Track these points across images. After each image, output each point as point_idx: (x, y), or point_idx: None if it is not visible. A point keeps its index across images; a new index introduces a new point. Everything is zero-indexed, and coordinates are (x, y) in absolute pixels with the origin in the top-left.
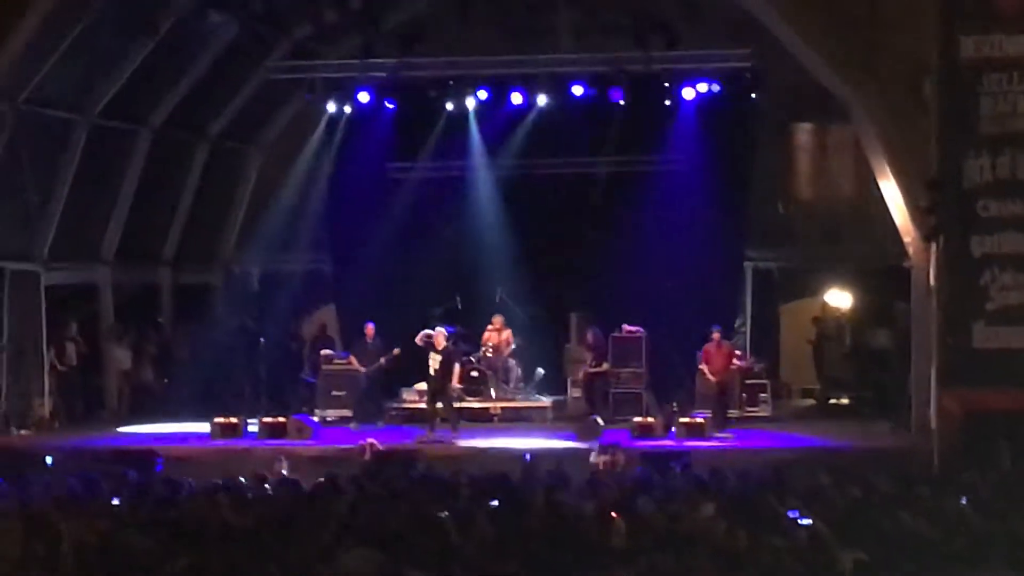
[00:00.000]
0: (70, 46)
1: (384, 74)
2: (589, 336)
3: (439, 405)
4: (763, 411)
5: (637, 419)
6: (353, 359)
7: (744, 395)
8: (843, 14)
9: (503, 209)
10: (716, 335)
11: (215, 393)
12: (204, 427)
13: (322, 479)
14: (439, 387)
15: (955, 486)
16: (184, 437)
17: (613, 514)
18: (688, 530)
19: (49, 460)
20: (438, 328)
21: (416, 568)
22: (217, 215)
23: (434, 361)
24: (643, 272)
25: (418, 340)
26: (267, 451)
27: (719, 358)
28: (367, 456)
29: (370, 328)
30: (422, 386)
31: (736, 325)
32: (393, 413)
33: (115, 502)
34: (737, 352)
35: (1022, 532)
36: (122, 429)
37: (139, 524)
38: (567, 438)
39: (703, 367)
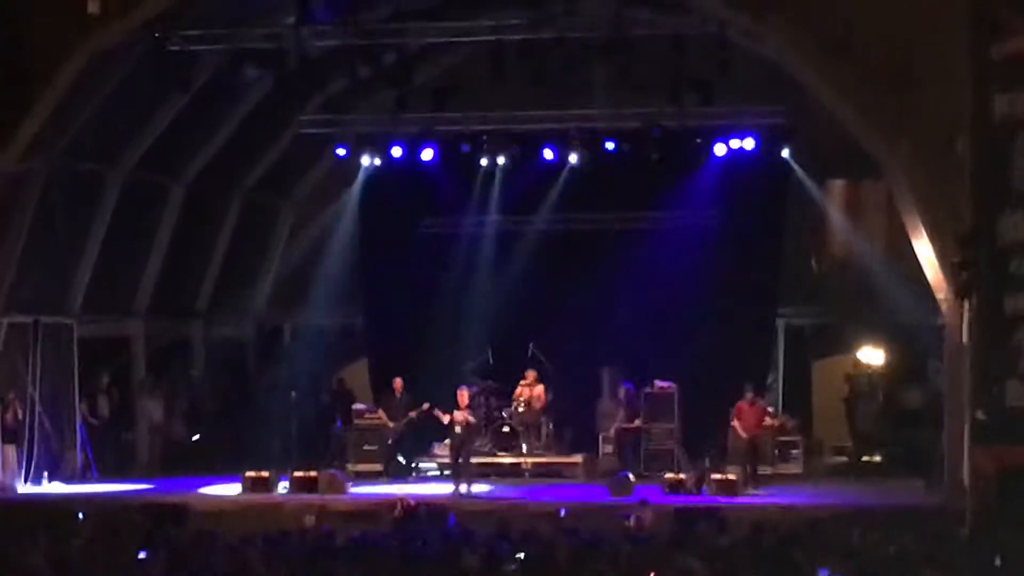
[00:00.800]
0: (104, 100)
1: (417, 128)
2: (621, 392)
3: (461, 462)
4: (795, 468)
5: (669, 475)
6: (382, 413)
7: (776, 451)
8: (876, 71)
9: (536, 264)
10: (750, 393)
11: (246, 447)
12: (236, 482)
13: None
14: (462, 443)
15: (988, 545)
16: (216, 491)
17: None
18: None
19: (81, 515)
20: (461, 388)
21: None
22: (249, 269)
23: (459, 417)
24: (676, 327)
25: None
26: (298, 505)
27: (751, 415)
28: (398, 512)
29: (398, 382)
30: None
31: (768, 381)
32: (423, 469)
33: (142, 555)
34: (769, 409)
35: None
36: (154, 482)
37: None
38: (599, 494)
39: (735, 423)
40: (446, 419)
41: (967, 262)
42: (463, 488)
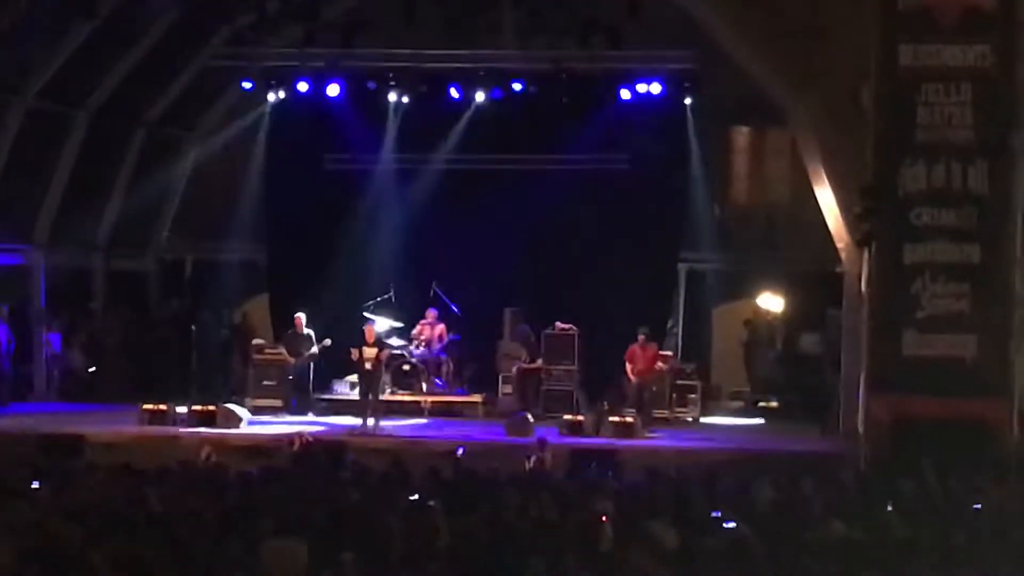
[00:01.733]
0: (7, 28)
1: (324, 64)
2: (520, 332)
3: (370, 398)
4: (692, 412)
5: (567, 417)
6: (283, 349)
7: (674, 396)
8: (784, 20)
9: (440, 203)
10: (642, 336)
11: (146, 380)
12: (133, 413)
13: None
14: (372, 380)
15: (882, 492)
16: (113, 423)
17: (604, 518)
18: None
19: None
20: (368, 324)
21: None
22: (152, 201)
23: (367, 354)
24: (578, 270)
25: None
26: (195, 438)
27: (643, 358)
28: (296, 447)
29: (300, 318)
30: (354, 377)
31: (668, 326)
32: (324, 405)
33: (35, 485)
34: (665, 353)
35: (946, 538)
36: (50, 414)
37: (64, 512)
38: (497, 433)
39: (627, 367)
40: (355, 355)
41: (868, 211)
42: (371, 423)
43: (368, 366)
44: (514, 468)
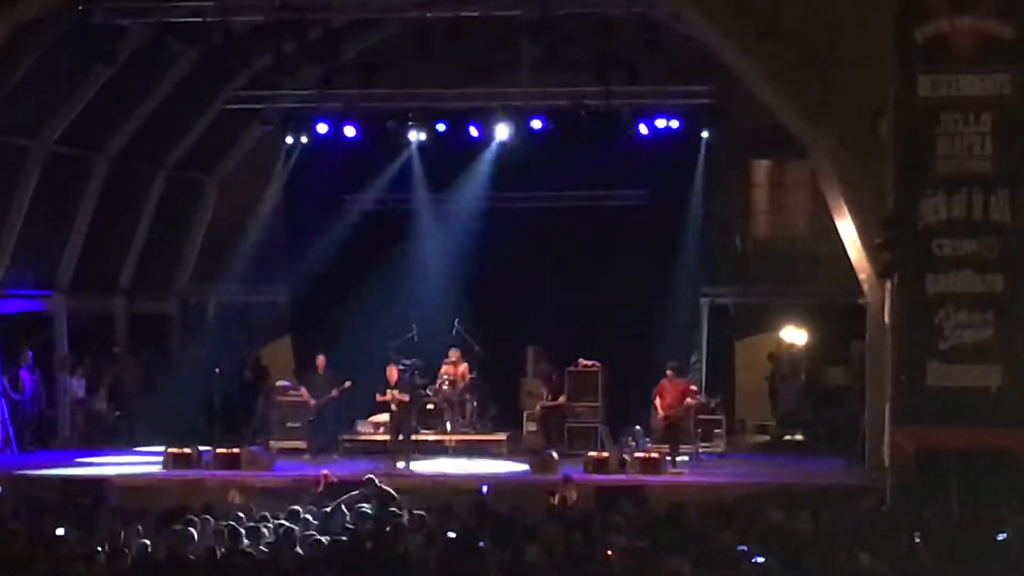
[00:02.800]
0: (27, 73)
1: (342, 105)
2: (543, 370)
3: (400, 438)
4: (717, 447)
5: (592, 453)
6: (304, 391)
7: (699, 430)
8: (802, 52)
9: (461, 242)
10: (670, 371)
11: (169, 423)
12: (157, 458)
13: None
14: (397, 421)
15: (907, 523)
16: (137, 467)
17: (608, 552)
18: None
19: None
20: (390, 365)
21: None
22: (173, 245)
23: (391, 396)
24: (600, 307)
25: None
26: (220, 482)
27: (671, 393)
28: (321, 488)
29: (321, 360)
30: (378, 418)
31: (691, 360)
32: (347, 445)
33: (59, 532)
34: (692, 388)
35: (972, 569)
36: (74, 459)
37: (87, 555)
38: (522, 472)
39: (656, 402)
40: (386, 398)
41: (890, 243)
42: (400, 464)
43: (394, 407)
44: (539, 505)
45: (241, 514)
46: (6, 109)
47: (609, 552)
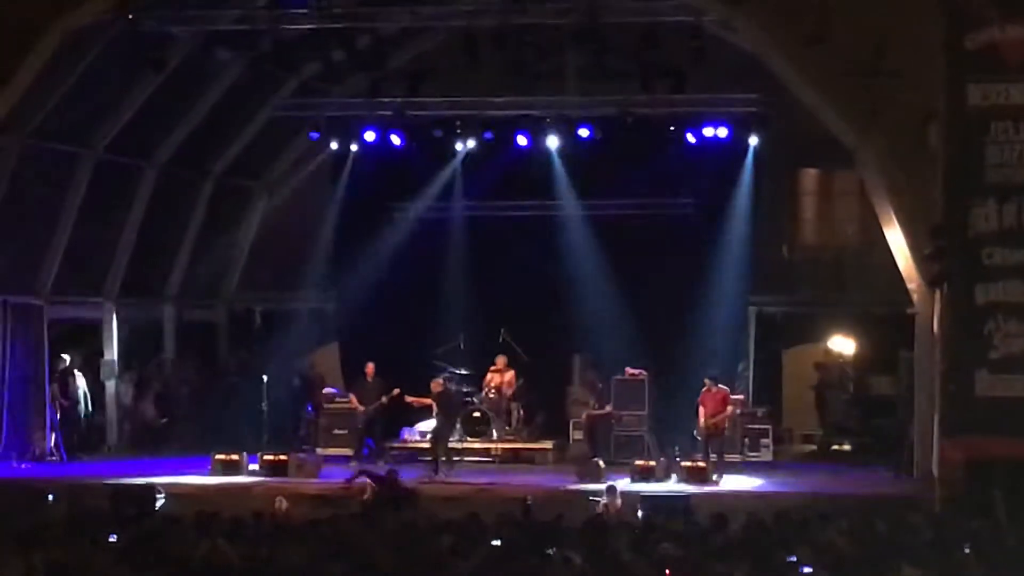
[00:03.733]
0: (77, 81)
1: (390, 113)
2: (590, 378)
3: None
4: (765, 456)
5: (638, 462)
6: (353, 398)
7: (746, 439)
8: (849, 61)
9: (506, 250)
10: (707, 380)
11: (217, 430)
12: (205, 464)
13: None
14: (440, 429)
15: (957, 534)
16: (185, 473)
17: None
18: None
19: (50, 496)
20: (435, 379)
21: None
22: (222, 252)
23: (435, 405)
24: (647, 315)
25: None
26: (267, 488)
27: (712, 403)
28: (367, 495)
29: (370, 367)
30: (424, 425)
31: (739, 369)
32: (394, 453)
33: (112, 539)
34: (734, 397)
35: None
36: (123, 464)
37: (137, 561)
38: (568, 480)
39: (699, 412)
40: (426, 402)
41: (939, 252)
42: (442, 472)
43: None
44: (583, 514)
45: None
46: (57, 116)
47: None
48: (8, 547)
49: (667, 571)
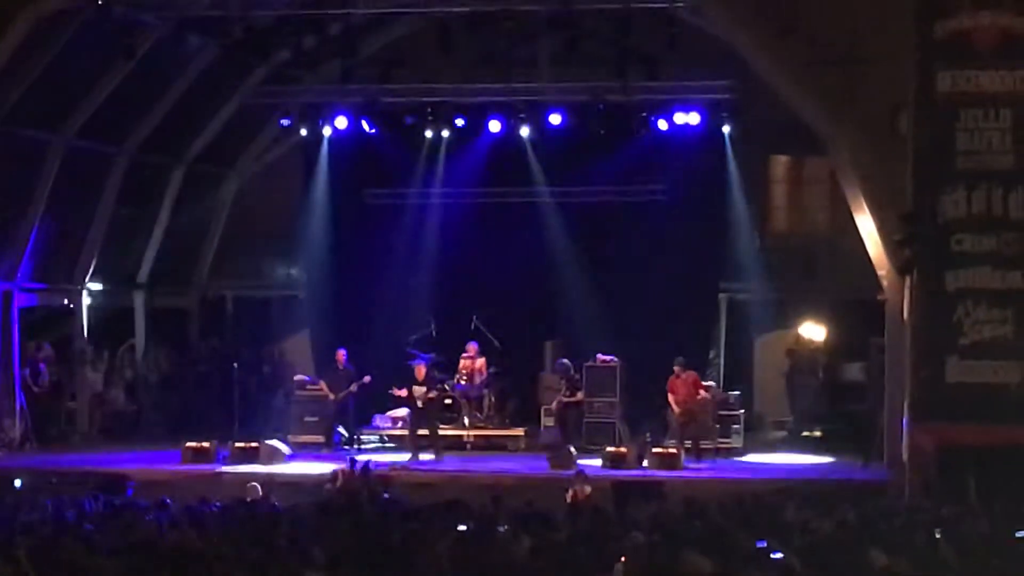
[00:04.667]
0: (48, 67)
1: (362, 99)
2: (559, 366)
3: (423, 433)
4: (736, 442)
5: (610, 449)
6: (324, 385)
7: (717, 426)
8: (821, 49)
9: (480, 237)
10: (677, 367)
11: (187, 417)
12: (176, 451)
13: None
14: (423, 416)
15: (926, 520)
16: (155, 461)
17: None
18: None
19: (18, 483)
20: (419, 363)
21: None
22: (193, 239)
23: (418, 392)
24: (618, 302)
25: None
26: (239, 475)
27: (683, 388)
28: (339, 482)
29: (341, 354)
30: (396, 412)
31: (710, 356)
32: (365, 440)
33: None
34: (705, 383)
35: (992, 566)
36: (93, 452)
37: (109, 549)
38: (540, 467)
39: (670, 399)
40: (403, 393)
41: (909, 239)
42: (432, 457)
43: (420, 404)
44: (554, 501)
45: None
46: (27, 103)
47: (623, 558)
48: None
49: (622, 558)
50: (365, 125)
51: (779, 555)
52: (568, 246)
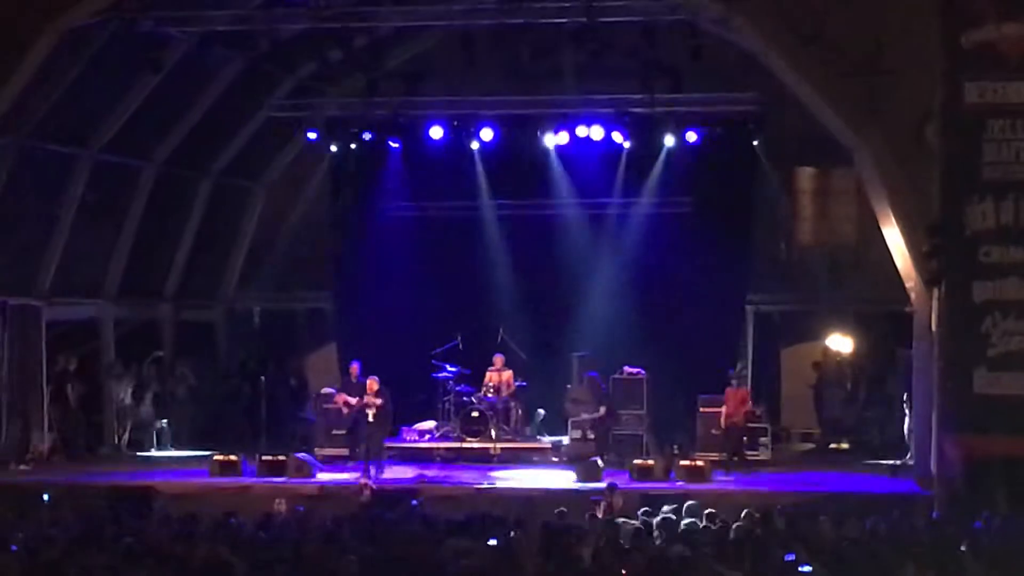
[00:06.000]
0: (74, 81)
1: (387, 112)
2: (586, 382)
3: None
4: (763, 455)
5: (637, 461)
6: (341, 398)
7: (745, 438)
8: (847, 60)
9: (506, 249)
10: (733, 380)
11: (215, 430)
12: (203, 465)
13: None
14: (374, 431)
15: (955, 532)
16: (183, 474)
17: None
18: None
19: (46, 497)
20: (371, 377)
21: None
22: (219, 252)
23: (371, 406)
24: (645, 314)
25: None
26: (266, 489)
27: (733, 401)
28: (365, 496)
29: (355, 367)
30: (424, 425)
31: (737, 368)
32: (392, 452)
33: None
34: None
35: None
36: (121, 465)
37: (137, 562)
38: (567, 480)
39: (723, 409)
40: (353, 402)
41: (936, 250)
42: (372, 472)
43: (370, 415)
44: (584, 514)
45: None
46: (54, 118)
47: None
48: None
49: (623, 572)
50: (394, 137)
51: (807, 568)
52: (594, 258)
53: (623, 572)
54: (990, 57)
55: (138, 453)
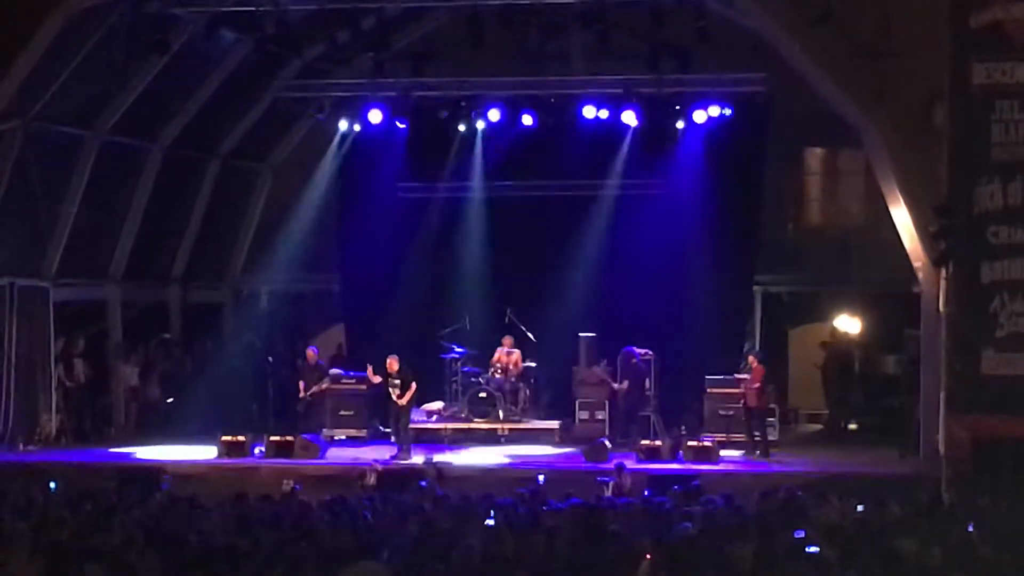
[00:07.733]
0: (81, 63)
1: (395, 93)
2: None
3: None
4: (771, 435)
5: (645, 441)
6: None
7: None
8: (855, 41)
9: (513, 230)
10: (754, 359)
11: (222, 411)
12: (211, 445)
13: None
14: (401, 410)
15: (962, 513)
16: (191, 455)
17: (647, 556)
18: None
19: (52, 485)
20: (391, 357)
21: None
22: (227, 233)
23: (393, 387)
24: (653, 295)
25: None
26: (273, 470)
27: (756, 379)
28: (371, 479)
29: (312, 352)
30: (432, 406)
31: (744, 349)
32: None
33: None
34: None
35: None
36: (128, 446)
37: (145, 542)
38: (575, 460)
39: (748, 387)
40: (376, 380)
41: (944, 231)
42: (418, 459)
43: (394, 396)
44: (592, 494)
45: None
46: (61, 99)
47: (647, 556)
48: (14, 530)
49: (647, 556)
50: (398, 119)
51: (814, 549)
52: (602, 239)
53: (647, 557)
54: (998, 38)
55: (145, 433)
